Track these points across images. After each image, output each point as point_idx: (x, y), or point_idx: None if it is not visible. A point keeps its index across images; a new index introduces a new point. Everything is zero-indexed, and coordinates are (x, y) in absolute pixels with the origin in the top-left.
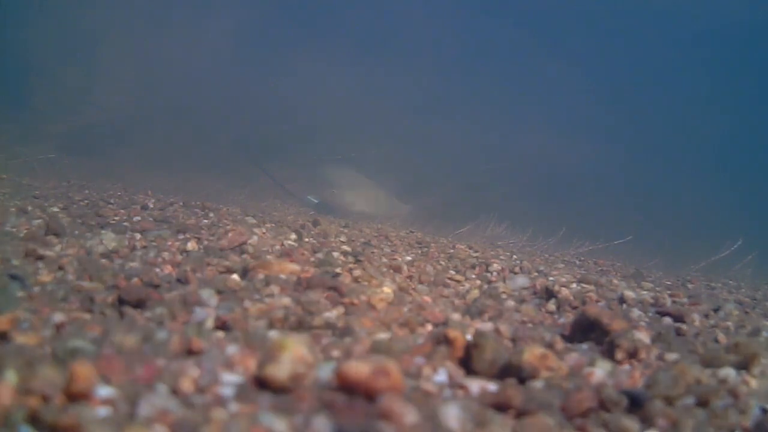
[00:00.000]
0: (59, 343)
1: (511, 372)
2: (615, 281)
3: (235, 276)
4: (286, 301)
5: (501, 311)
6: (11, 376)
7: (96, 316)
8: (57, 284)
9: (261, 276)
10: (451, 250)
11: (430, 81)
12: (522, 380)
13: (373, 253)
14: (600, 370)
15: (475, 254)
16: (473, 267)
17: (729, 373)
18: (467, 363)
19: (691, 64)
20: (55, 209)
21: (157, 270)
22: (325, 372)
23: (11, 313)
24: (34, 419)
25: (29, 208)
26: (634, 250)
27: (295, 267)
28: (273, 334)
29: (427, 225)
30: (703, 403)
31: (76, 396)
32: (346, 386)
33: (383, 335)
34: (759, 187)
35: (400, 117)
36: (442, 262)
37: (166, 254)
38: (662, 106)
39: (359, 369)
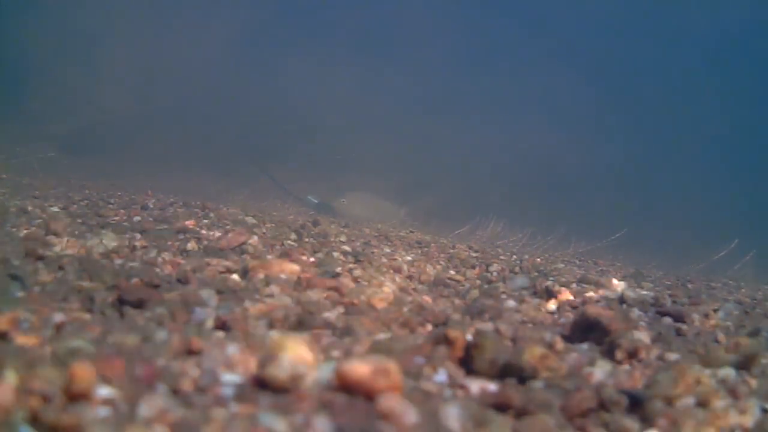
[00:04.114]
0: (59, 343)
1: (511, 372)
2: (615, 281)
3: (235, 276)
4: (286, 301)
5: (501, 311)
6: (11, 376)
7: (96, 316)
8: (57, 284)
9: (261, 276)
10: (451, 250)
11: (430, 81)
12: (522, 380)
13: (373, 253)
14: (600, 370)
15: (475, 254)
16: (473, 267)
17: (729, 373)
18: (467, 363)
19: (690, 64)
20: (55, 209)
21: (157, 270)
22: (325, 372)
23: (11, 313)
24: (34, 419)
25: (29, 208)
26: (634, 250)
27: (295, 267)
28: (273, 334)
29: (427, 225)
30: (703, 403)
31: (76, 396)
32: (346, 386)
33: (383, 335)
34: (759, 187)
35: (400, 116)
36: (442, 262)
37: (166, 254)
38: (662, 107)
39: (359, 369)
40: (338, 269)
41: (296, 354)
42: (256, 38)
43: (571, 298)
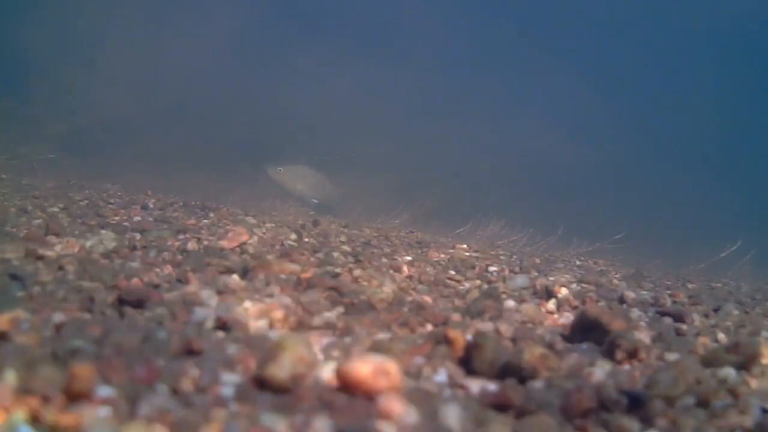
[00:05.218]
0: (59, 343)
1: (511, 372)
2: (615, 281)
3: (235, 276)
4: (286, 301)
5: (501, 311)
6: (11, 376)
7: (96, 316)
8: (57, 284)
9: (261, 276)
10: (451, 250)
11: (430, 80)
12: (522, 380)
13: (373, 253)
14: (600, 370)
15: (475, 254)
16: (473, 267)
17: (729, 373)
18: (467, 363)
19: (691, 65)
20: (55, 209)
21: (157, 270)
22: (325, 372)
23: (11, 313)
24: (34, 419)
25: (29, 208)
26: (634, 251)
27: (295, 267)
28: (273, 334)
29: (427, 225)
30: (703, 403)
31: (76, 396)
32: (346, 386)
33: (383, 335)
34: (758, 186)
35: (400, 116)
36: (442, 262)
37: (166, 254)
38: (662, 106)
39: (359, 369)
40: (338, 269)
41: (296, 354)
42: (256, 38)
43: (571, 298)
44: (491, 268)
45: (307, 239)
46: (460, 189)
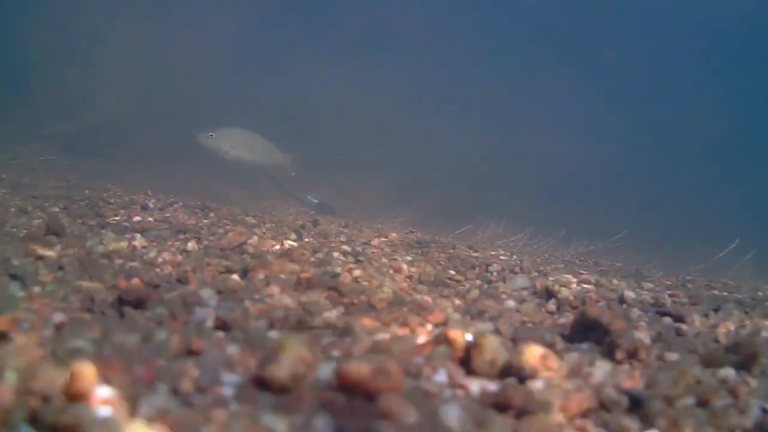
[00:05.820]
0: (59, 343)
1: (511, 372)
2: (615, 281)
3: (235, 276)
4: (286, 301)
5: (501, 311)
6: (11, 376)
7: (96, 316)
8: (57, 284)
9: (261, 276)
10: (451, 250)
11: (430, 79)
12: (522, 380)
13: (373, 252)
14: (600, 370)
15: (475, 254)
16: (473, 267)
17: (729, 373)
18: (467, 363)
19: (689, 64)
20: (55, 209)
21: (157, 270)
22: (325, 372)
23: (11, 313)
24: (34, 419)
25: (29, 208)
26: (634, 251)
27: (295, 267)
28: (273, 334)
29: (427, 225)
30: (703, 403)
31: (76, 396)
32: (346, 386)
33: (383, 335)
34: (758, 186)
35: (399, 116)
36: (442, 262)
37: (166, 254)
38: (661, 106)
39: (359, 369)
40: (338, 269)
41: (296, 354)
42: (256, 37)
43: (572, 298)
44: (491, 268)
45: (307, 239)
46: (460, 189)
